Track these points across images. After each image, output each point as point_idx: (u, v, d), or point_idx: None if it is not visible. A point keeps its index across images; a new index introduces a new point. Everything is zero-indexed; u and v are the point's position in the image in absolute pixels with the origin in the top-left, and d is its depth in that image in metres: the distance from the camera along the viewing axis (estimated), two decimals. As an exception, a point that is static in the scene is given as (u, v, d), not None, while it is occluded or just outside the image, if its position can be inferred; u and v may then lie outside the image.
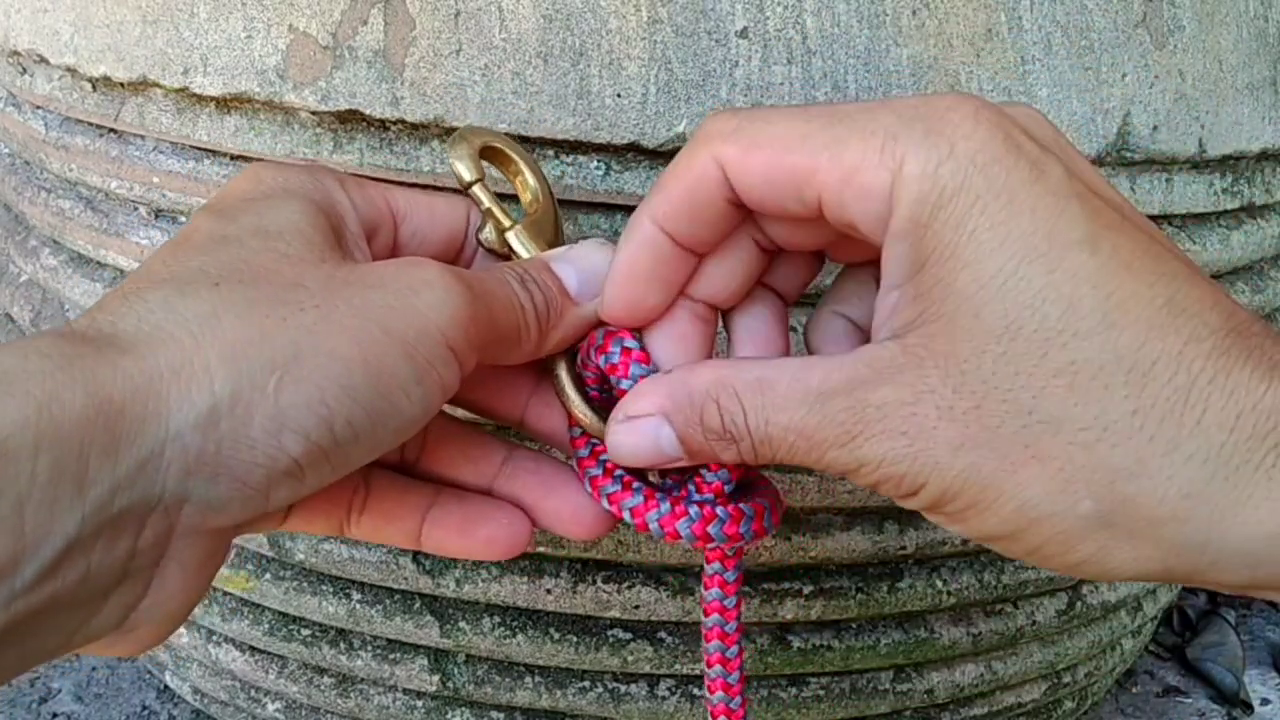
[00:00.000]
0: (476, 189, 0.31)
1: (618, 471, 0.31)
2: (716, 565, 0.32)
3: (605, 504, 0.31)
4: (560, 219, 0.33)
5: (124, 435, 0.21)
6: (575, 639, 0.44)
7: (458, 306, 0.25)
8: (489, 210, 0.31)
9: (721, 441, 0.27)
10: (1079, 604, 0.50)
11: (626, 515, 0.30)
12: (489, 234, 0.32)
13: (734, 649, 0.32)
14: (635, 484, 0.31)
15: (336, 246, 0.27)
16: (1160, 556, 0.23)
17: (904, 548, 0.43)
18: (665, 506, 0.30)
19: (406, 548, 0.34)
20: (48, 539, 0.19)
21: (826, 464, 0.25)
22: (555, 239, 0.32)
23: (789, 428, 0.25)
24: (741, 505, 0.30)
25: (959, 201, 0.22)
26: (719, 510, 0.30)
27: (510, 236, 0.31)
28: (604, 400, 0.31)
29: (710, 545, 0.30)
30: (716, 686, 0.32)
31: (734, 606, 0.32)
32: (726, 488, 0.30)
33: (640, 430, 0.28)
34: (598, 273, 0.30)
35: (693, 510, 0.30)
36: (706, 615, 0.32)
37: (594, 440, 0.31)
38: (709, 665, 0.32)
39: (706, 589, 0.32)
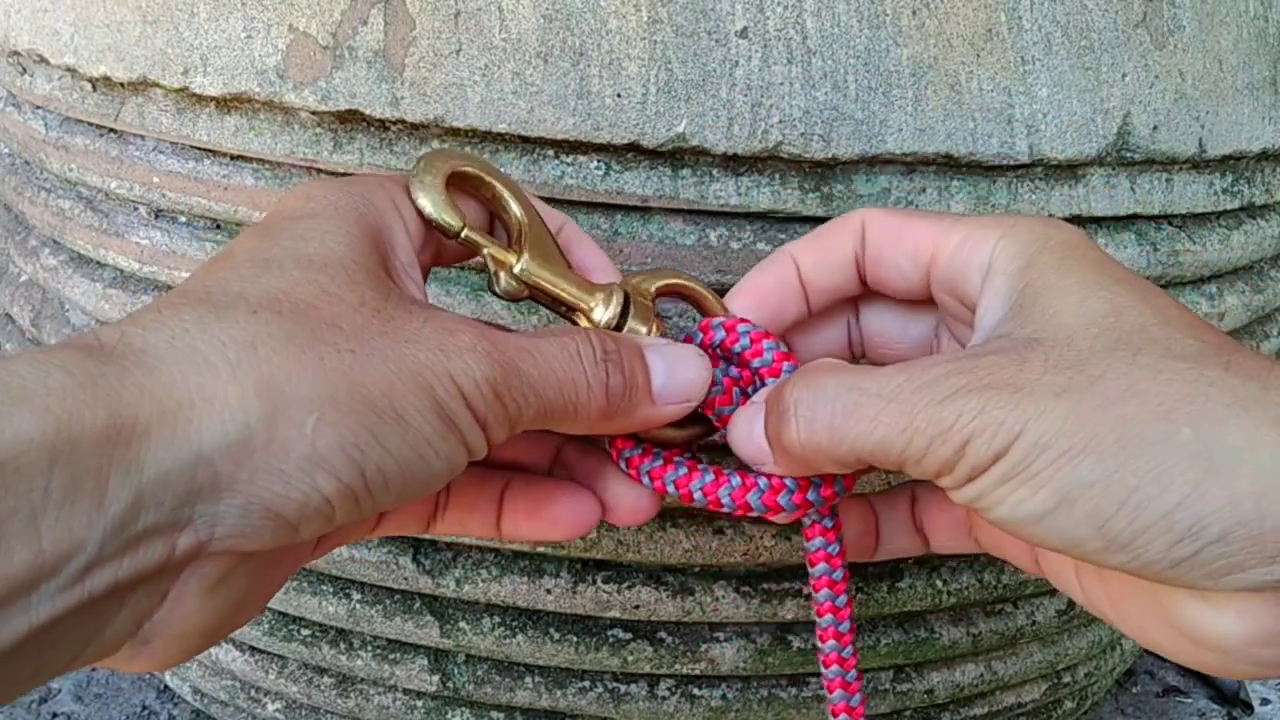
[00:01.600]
0: (466, 234, 0.30)
1: (656, 450, 0.31)
2: (813, 515, 0.32)
3: (646, 480, 0.31)
4: (545, 226, 0.31)
5: (148, 455, 0.20)
6: (575, 639, 0.44)
7: (484, 378, 0.25)
8: (490, 255, 0.30)
9: (796, 419, 0.28)
10: (1079, 604, 0.50)
11: (671, 488, 0.31)
12: (505, 283, 0.30)
13: (843, 597, 0.32)
14: (678, 457, 0.31)
15: (381, 276, 0.27)
16: (1244, 491, 0.23)
17: (904, 548, 0.44)
18: (709, 475, 0.30)
19: (487, 537, 0.34)
20: (69, 554, 0.19)
21: (923, 423, 0.25)
22: (556, 252, 0.31)
23: (879, 403, 0.26)
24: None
25: (1049, 257, 0.28)
26: (759, 480, 0.30)
27: (525, 273, 0.30)
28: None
29: (780, 514, 0.30)
30: (828, 635, 0.32)
31: (838, 554, 0.32)
32: None
33: (744, 426, 0.30)
34: (686, 380, 0.30)
35: (760, 481, 0.30)
36: (812, 565, 0.32)
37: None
38: (819, 615, 0.32)
39: (809, 539, 0.32)
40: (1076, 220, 0.41)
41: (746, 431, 0.30)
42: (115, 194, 0.44)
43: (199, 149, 0.41)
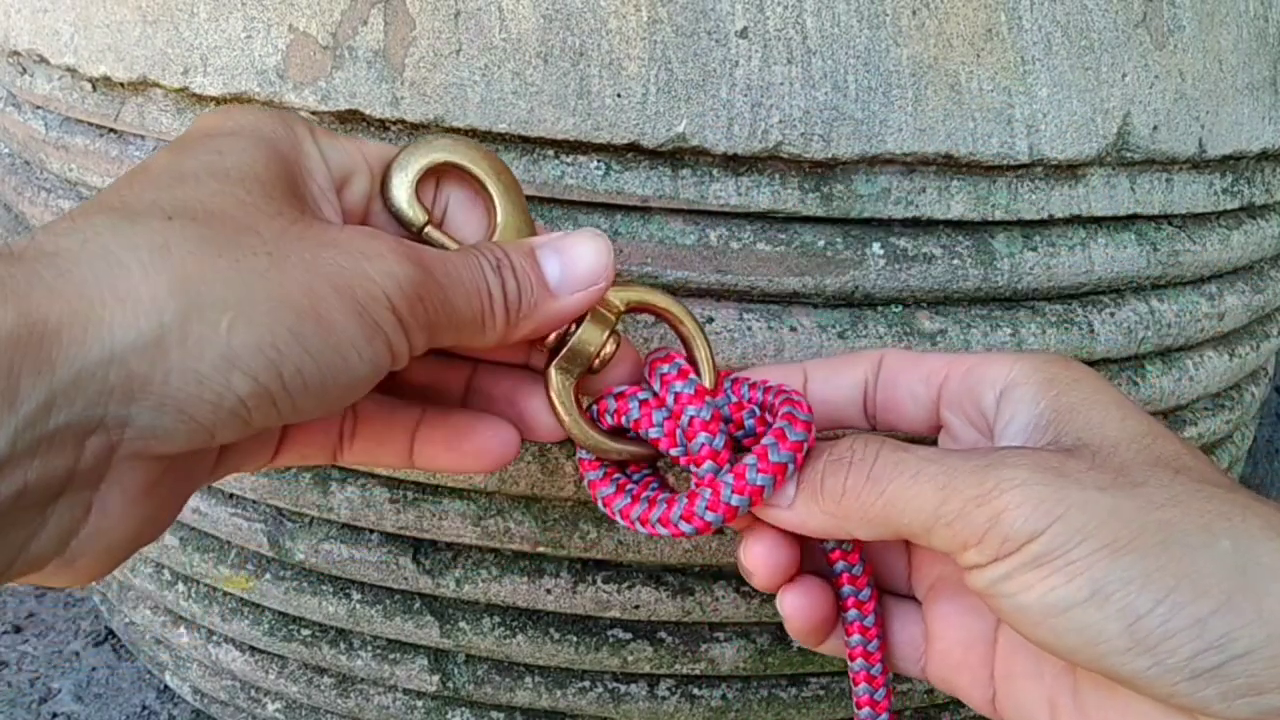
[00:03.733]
0: (427, 233, 0.30)
1: (615, 475, 0.32)
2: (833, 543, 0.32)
3: (601, 506, 0.32)
4: (530, 218, 0.32)
5: (60, 355, 0.20)
6: (575, 639, 0.44)
7: (406, 279, 0.25)
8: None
9: (835, 464, 0.28)
10: None
11: (618, 517, 0.31)
12: None
13: (870, 617, 0.32)
14: (628, 486, 0.31)
15: (296, 198, 0.26)
16: (1274, 611, 0.23)
17: (904, 548, 0.44)
18: (644, 505, 0.31)
19: (399, 468, 0.34)
20: None
21: (955, 494, 0.25)
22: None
23: (922, 466, 0.26)
24: (721, 478, 0.30)
25: (1073, 375, 0.29)
26: (701, 492, 0.30)
27: None
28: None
29: (710, 530, 0.30)
30: (857, 653, 0.32)
31: (863, 574, 0.32)
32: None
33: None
34: (584, 266, 0.29)
35: (680, 500, 0.30)
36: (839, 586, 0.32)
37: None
38: (848, 634, 0.32)
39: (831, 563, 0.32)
40: (1076, 220, 0.42)
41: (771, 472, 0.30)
42: (115, 194, 0.44)
43: (199, 149, 0.41)
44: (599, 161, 0.37)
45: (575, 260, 0.29)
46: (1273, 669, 0.22)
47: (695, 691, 0.46)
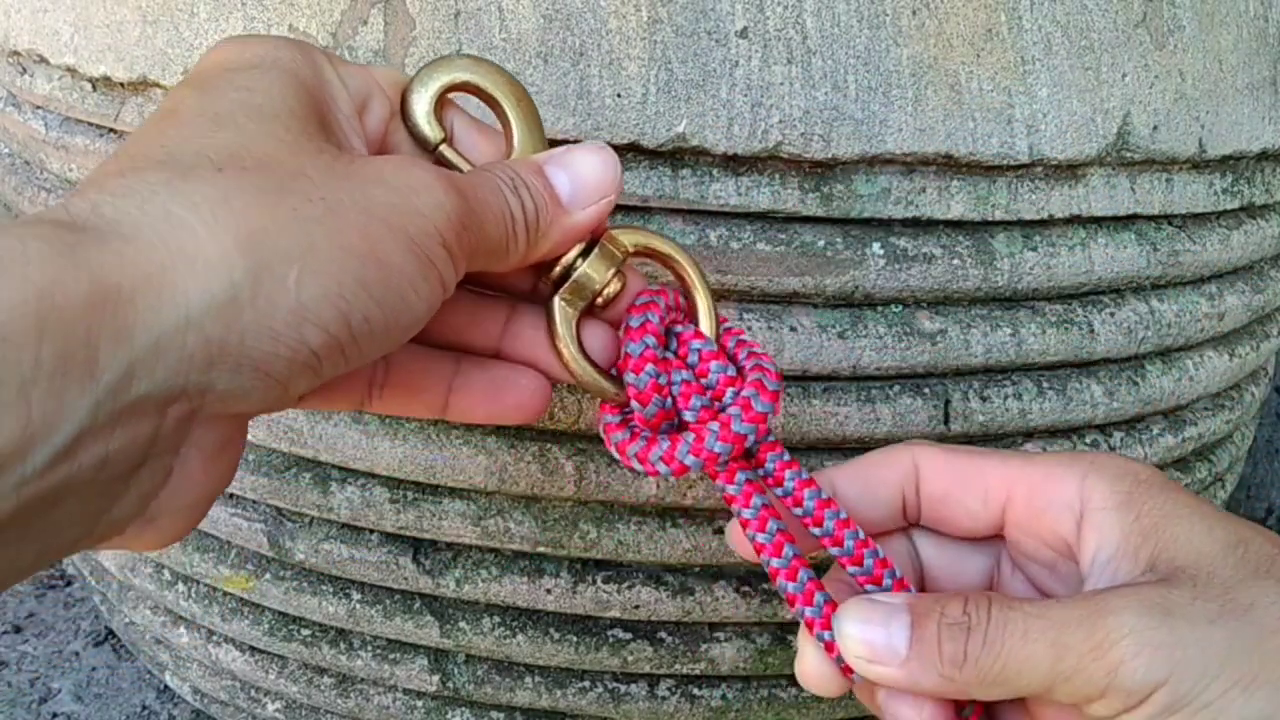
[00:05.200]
0: (441, 151, 0.30)
1: (632, 422, 0.31)
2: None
3: (614, 451, 0.31)
4: (546, 144, 0.31)
5: (137, 322, 0.20)
6: (575, 639, 0.44)
7: (454, 209, 0.25)
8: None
9: (953, 628, 0.26)
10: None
11: (634, 463, 0.31)
12: None
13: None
14: (643, 432, 0.31)
15: (328, 130, 0.26)
16: None
17: (904, 548, 0.44)
18: (664, 444, 0.30)
19: (429, 417, 0.33)
20: (59, 425, 0.19)
21: (1070, 651, 0.25)
22: None
23: (1036, 624, 0.25)
24: (728, 411, 0.30)
25: (1148, 490, 0.28)
26: (710, 425, 0.30)
27: None
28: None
29: (718, 461, 0.30)
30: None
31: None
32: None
33: (876, 612, 0.28)
34: (592, 179, 0.29)
35: (686, 436, 0.30)
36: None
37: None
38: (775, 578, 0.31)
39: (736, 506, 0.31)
40: (1076, 220, 0.42)
41: (881, 624, 0.28)
42: (115, 194, 0.44)
43: (199, 149, 0.41)
44: (599, 161, 0.37)
45: (583, 174, 0.29)
46: None
47: (695, 691, 0.46)
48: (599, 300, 0.31)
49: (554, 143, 0.37)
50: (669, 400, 0.31)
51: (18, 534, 0.19)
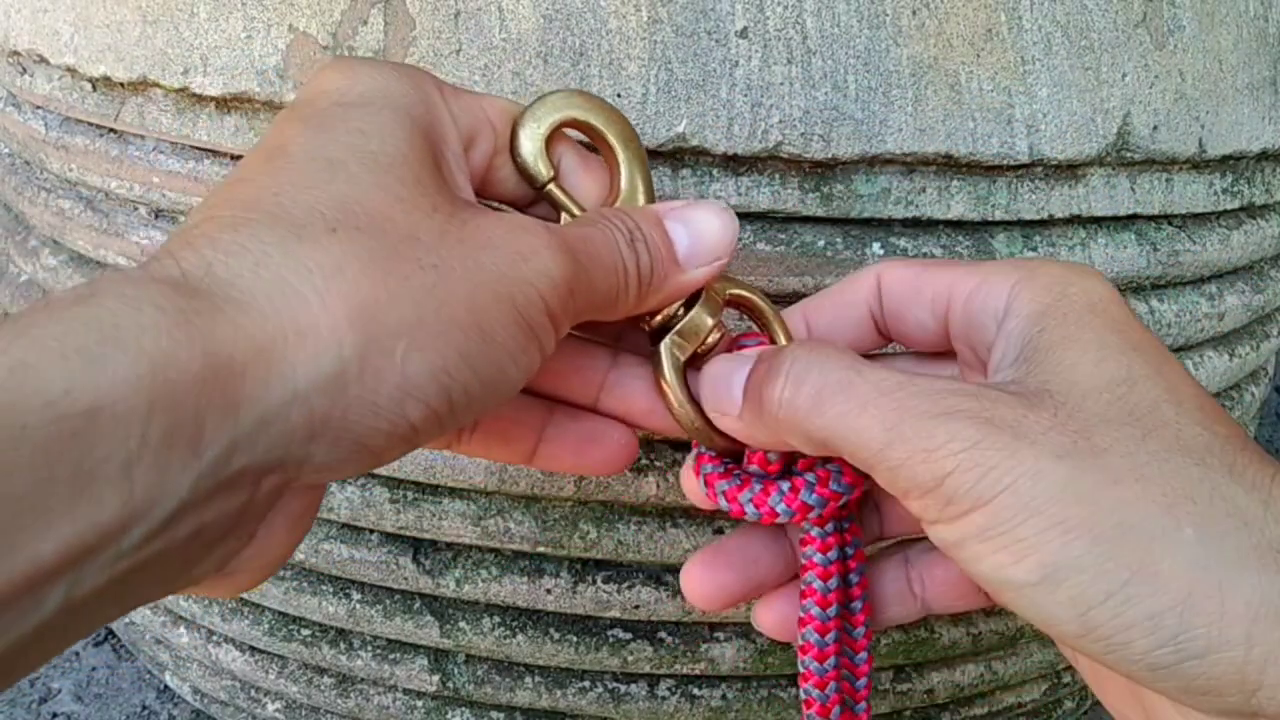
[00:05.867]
0: (549, 190, 0.29)
1: (724, 461, 0.31)
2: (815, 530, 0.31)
3: (702, 486, 0.31)
4: (652, 187, 0.30)
5: (244, 397, 0.20)
6: (575, 639, 0.44)
7: (561, 277, 0.25)
8: (567, 216, 0.29)
9: (788, 379, 0.26)
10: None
11: (721, 500, 0.30)
12: None
13: (858, 603, 0.31)
14: (735, 470, 0.30)
15: (440, 177, 0.26)
16: (1236, 613, 0.21)
17: (904, 548, 0.44)
18: (756, 487, 0.30)
19: (515, 463, 0.33)
20: (160, 501, 0.19)
21: (901, 441, 0.24)
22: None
23: (873, 394, 0.24)
24: (828, 466, 0.29)
25: (1068, 306, 0.26)
26: (807, 477, 0.29)
27: None
28: None
29: (811, 514, 0.29)
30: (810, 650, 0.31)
31: (855, 556, 0.31)
32: (770, 456, 0.30)
33: (723, 365, 0.28)
34: (711, 238, 0.29)
35: (782, 485, 0.29)
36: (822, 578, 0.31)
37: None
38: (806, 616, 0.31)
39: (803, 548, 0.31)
40: (1076, 220, 0.41)
41: (726, 372, 0.29)
42: (115, 194, 0.44)
43: (199, 149, 0.41)
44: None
45: (703, 232, 0.29)
46: (1233, 674, 0.21)
47: (695, 691, 0.46)
48: (701, 348, 0.30)
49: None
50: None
51: (102, 602, 0.19)
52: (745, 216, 0.38)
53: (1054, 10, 0.38)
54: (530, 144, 0.29)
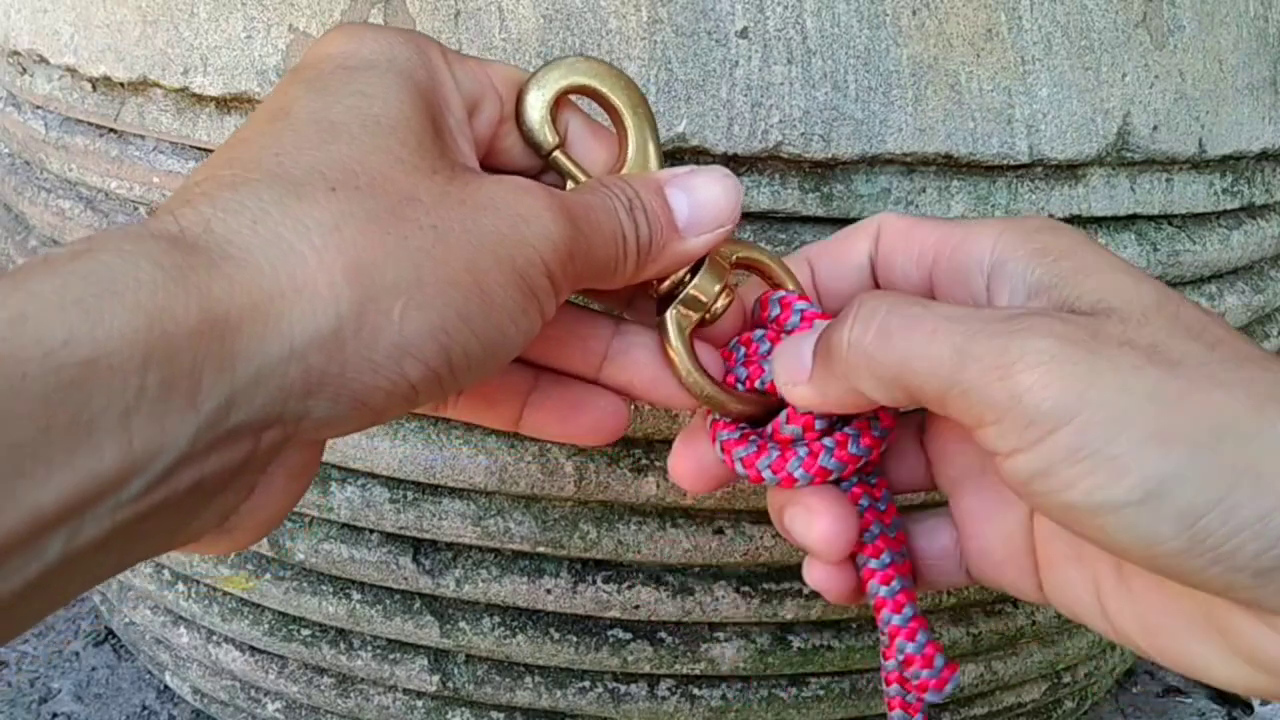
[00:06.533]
0: (555, 157, 0.29)
1: (740, 426, 0.30)
2: (865, 498, 0.30)
3: (719, 452, 0.30)
4: (661, 154, 0.30)
5: (241, 351, 0.20)
6: (575, 639, 0.44)
7: (561, 240, 0.25)
8: (572, 183, 0.29)
9: (857, 325, 0.26)
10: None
11: (739, 466, 0.30)
12: None
13: (898, 555, 0.30)
14: (751, 435, 0.30)
15: (442, 141, 0.26)
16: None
17: (904, 548, 0.44)
18: (774, 453, 0.29)
19: (503, 429, 0.33)
20: (159, 453, 0.19)
21: (974, 360, 0.23)
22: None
23: (942, 324, 0.24)
24: (846, 430, 0.29)
25: (1062, 243, 0.26)
26: (825, 442, 0.29)
27: None
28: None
29: (829, 477, 0.29)
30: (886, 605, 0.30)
31: (887, 511, 0.30)
32: (817, 424, 0.29)
33: (793, 345, 0.28)
34: (712, 206, 0.28)
35: (800, 450, 0.29)
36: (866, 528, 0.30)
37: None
38: (884, 582, 0.30)
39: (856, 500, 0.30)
40: (1076, 220, 0.42)
41: (794, 343, 0.28)
42: (115, 194, 0.44)
43: (199, 149, 0.41)
44: (599, 161, 0.37)
45: (705, 200, 0.28)
46: None
47: (695, 691, 0.46)
48: (708, 315, 0.30)
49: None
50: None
51: (103, 553, 0.19)
52: (745, 217, 0.38)
53: (1054, 10, 0.38)
54: (535, 111, 0.29)
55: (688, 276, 0.30)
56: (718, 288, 0.30)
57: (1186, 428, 0.21)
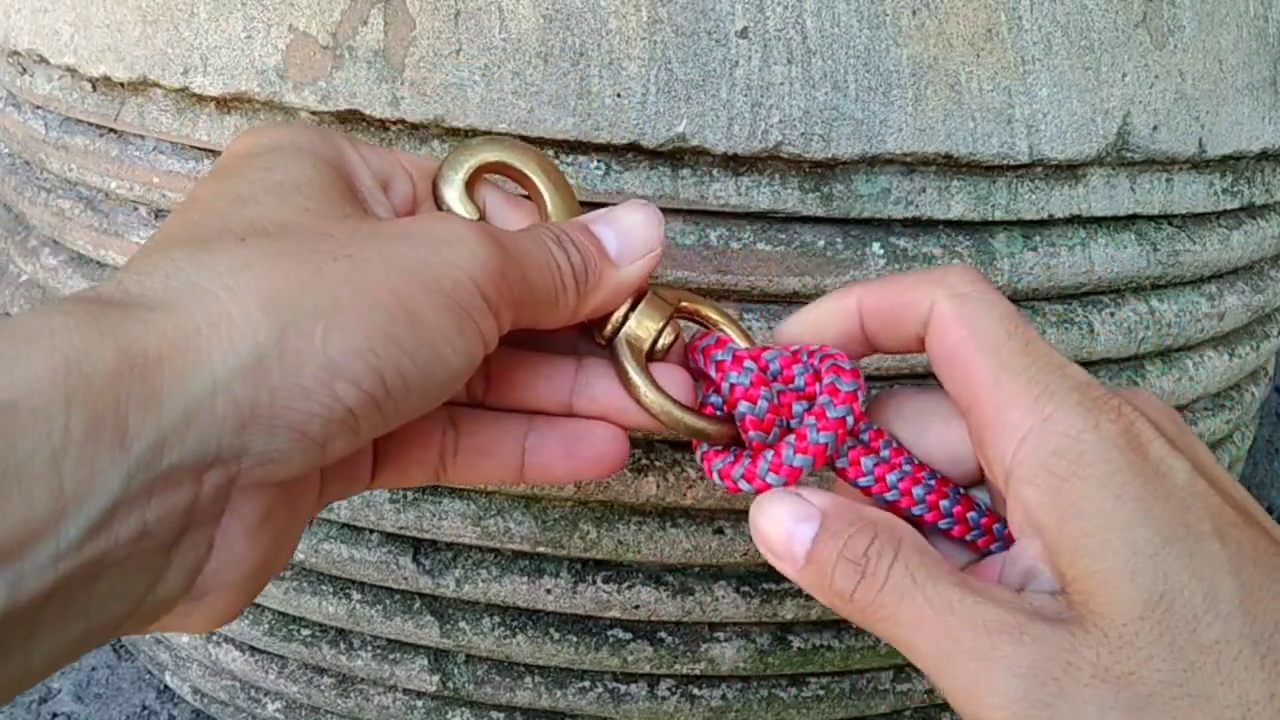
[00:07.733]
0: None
1: (745, 454, 0.30)
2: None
3: (700, 462, 0.31)
4: (579, 211, 0.31)
5: (165, 389, 0.20)
6: (575, 639, 0.44)
7: (490, 260, 0.25)
8: None
9: (849, 566, 0.25)
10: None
11: (716, 478, 0.30)
12: None
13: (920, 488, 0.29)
14: (745, 451, 0.30)
15: (354, 199, 0.26)
16: None
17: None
18: (747, 460, 0.29)
19: (507, 483, 0.33)
20: (91, 495, 0.19)
21: (950, 675, 0.24)
22: None
23: (926, 613, 0.24)
24: (804, 424, 0.29)
25: (1099, 468, 0.24)
26: (788, 440, 0.29)
27: None
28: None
29: (802, 475, 0.29)
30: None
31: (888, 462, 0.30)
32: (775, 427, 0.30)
33: (786, 509, 0.27)
34: (638, 234, 0.29)
35: (767, 454, 0.29)
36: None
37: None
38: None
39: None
40: (1076, 220, 0.41)
41: (787, 519, 0.27)
42: (115, 194, 0.44)
43: (199, 149, 0.41)
44: (599, 161, 0.37)
45: (629, 228, 0.29)
46: None
47: (695, 691, 0.46)
48: (656, 349, 0.31)
49: (554, 144, 0.36)
50: (787, 420, 0.30)
51: (60, 610, 0.19)
52: (745, 216, 0.38)
53: (1054, 10, 0.38)
54: (451, 189, 0.30)
55: (629, 314, 0.31)
56: (659, 324, 0.31)
57: None
